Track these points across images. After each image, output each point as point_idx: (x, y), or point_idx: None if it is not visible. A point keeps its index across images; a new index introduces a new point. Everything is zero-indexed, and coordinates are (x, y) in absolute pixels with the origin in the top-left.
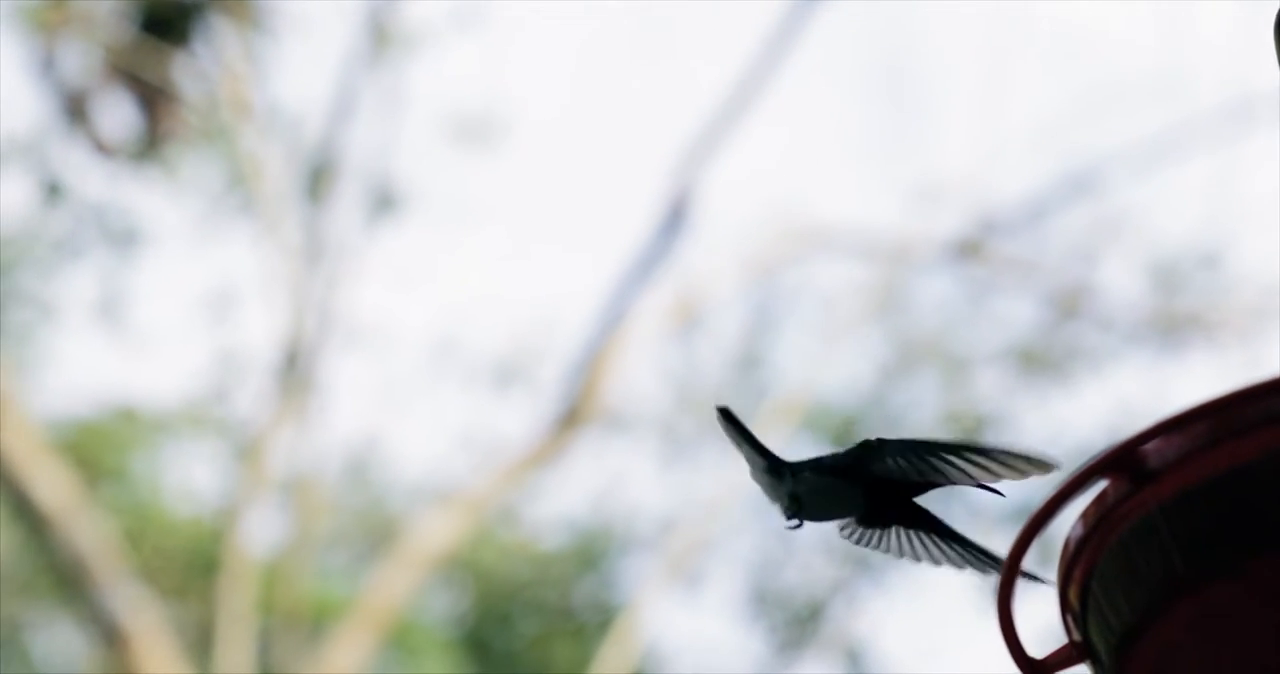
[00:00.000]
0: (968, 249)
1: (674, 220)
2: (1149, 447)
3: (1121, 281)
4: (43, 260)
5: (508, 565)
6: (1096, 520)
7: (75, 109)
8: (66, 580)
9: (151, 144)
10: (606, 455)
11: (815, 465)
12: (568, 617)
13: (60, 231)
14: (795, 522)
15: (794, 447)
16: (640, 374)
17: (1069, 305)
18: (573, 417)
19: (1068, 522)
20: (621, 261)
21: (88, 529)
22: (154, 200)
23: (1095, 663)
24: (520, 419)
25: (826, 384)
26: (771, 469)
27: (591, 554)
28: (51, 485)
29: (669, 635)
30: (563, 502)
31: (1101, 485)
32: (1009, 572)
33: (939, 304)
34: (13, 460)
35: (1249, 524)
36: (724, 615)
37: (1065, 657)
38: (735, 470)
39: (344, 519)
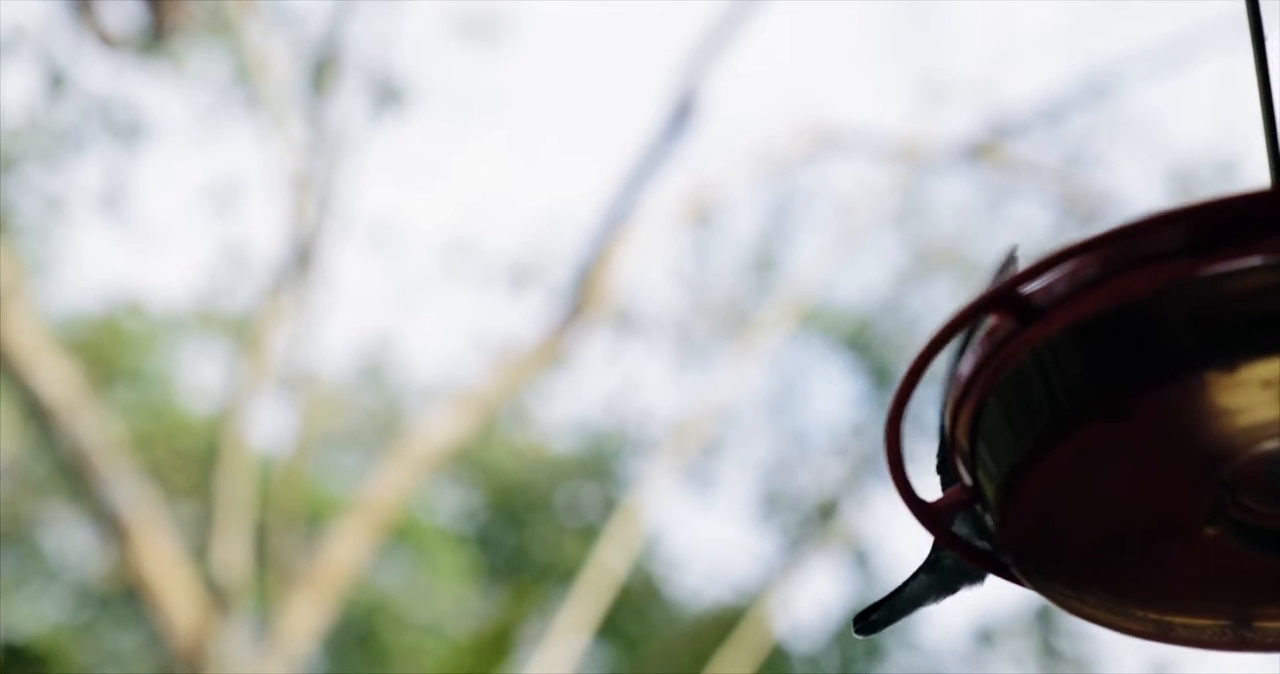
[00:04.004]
0: (981, 151)
1: (681, 118)
2: (1037, 283)
3: (1138, 187)
4: (48, 153)
5: (519, 465)
6: (984, 357)
7: (80, 1)
8: (71, 475)
9: (156, 37)
10: (619, 358)
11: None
12: (577, 516)
13: (65, 124)
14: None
15: (798, 346)
16: (653, 277)
17: (1085, 210)
18: (577, 312)
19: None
20: (630, 160)
21: (90, 423)
22: (159, 94)
23: (985, 506)
24: (531, 319)
25: (841, 287)
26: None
27: (603, 456)
28: (54, 379)
29: (680, 536)
30: (575, 404)
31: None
32: (895, 410)
33: (954, 208)
34: (18, 355)
35: (1133, 362)
36: (736, 517)
37: (956, 500)
38: (748, 373)
39: (357, 419)
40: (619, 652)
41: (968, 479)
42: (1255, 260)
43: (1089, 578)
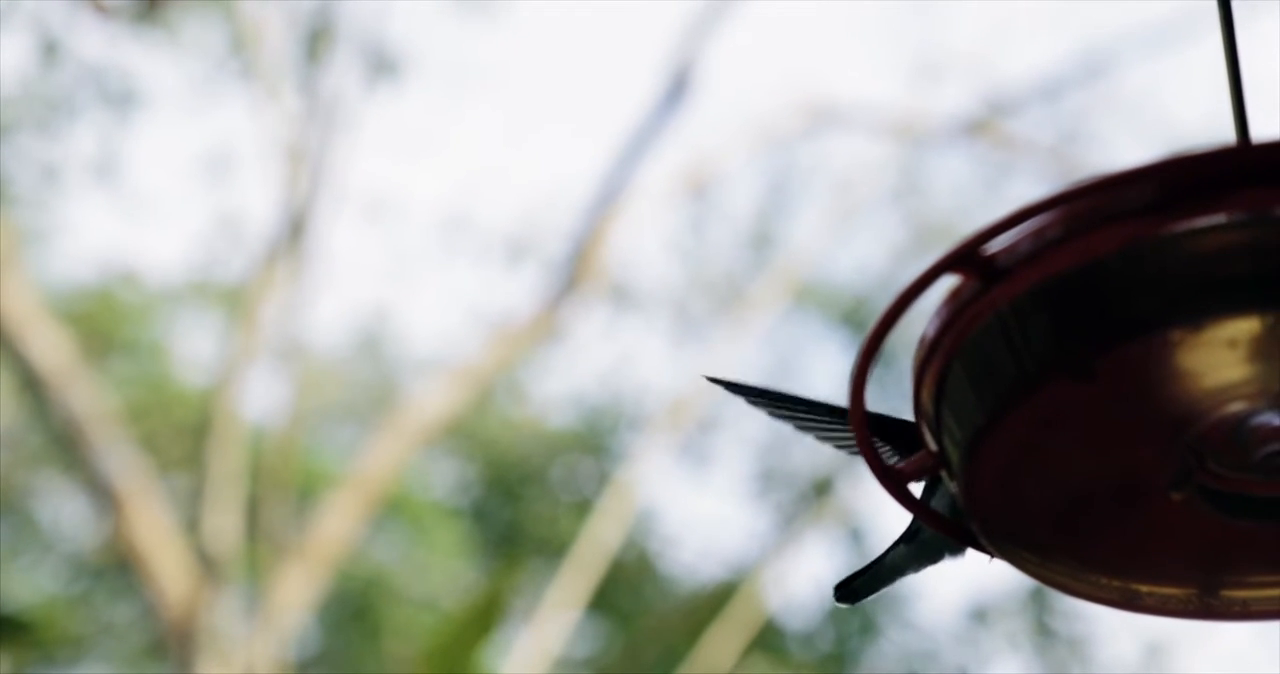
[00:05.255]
0: (978, 128)
1: (678, 92)
2: (1000, 242)
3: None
4: (42, 122)
5: (514, 440)
6: (948, 319)
7: None
8: (64, 446)
9: (151, 6)
10: (615, 333)
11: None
12: (572, 491)
13: (59, 93)
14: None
15: (794, 322)
16: (649, 252)
17: None
18: (573, 287)
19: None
20: (627, 134)
21: (84, 394)
22: (153, 63)
23: (951, 471)
24: (527, 293)
25: (837, 263)
26: None
27: (598, 430)
28: (48, 350)
29: (675, 511)
30: (571, 379)
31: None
32: (859, 375)
33: (951, 184)
34: (12, 325)
35: (1097, 321)
36: (730, 493)
37: (922, 466)
38: (744, 349)
39: (351, 391)
40: (612, 626)
41: (933, 445)
42: (1221, 218)
43: (1054, 545)
